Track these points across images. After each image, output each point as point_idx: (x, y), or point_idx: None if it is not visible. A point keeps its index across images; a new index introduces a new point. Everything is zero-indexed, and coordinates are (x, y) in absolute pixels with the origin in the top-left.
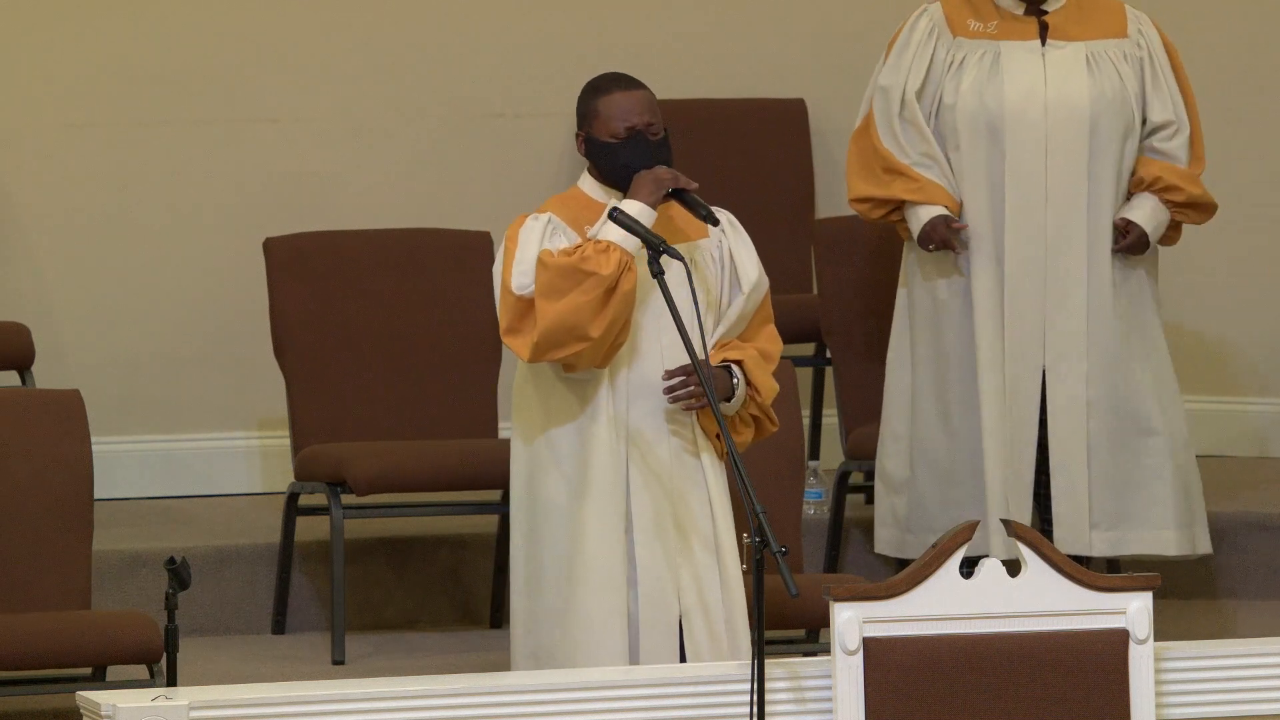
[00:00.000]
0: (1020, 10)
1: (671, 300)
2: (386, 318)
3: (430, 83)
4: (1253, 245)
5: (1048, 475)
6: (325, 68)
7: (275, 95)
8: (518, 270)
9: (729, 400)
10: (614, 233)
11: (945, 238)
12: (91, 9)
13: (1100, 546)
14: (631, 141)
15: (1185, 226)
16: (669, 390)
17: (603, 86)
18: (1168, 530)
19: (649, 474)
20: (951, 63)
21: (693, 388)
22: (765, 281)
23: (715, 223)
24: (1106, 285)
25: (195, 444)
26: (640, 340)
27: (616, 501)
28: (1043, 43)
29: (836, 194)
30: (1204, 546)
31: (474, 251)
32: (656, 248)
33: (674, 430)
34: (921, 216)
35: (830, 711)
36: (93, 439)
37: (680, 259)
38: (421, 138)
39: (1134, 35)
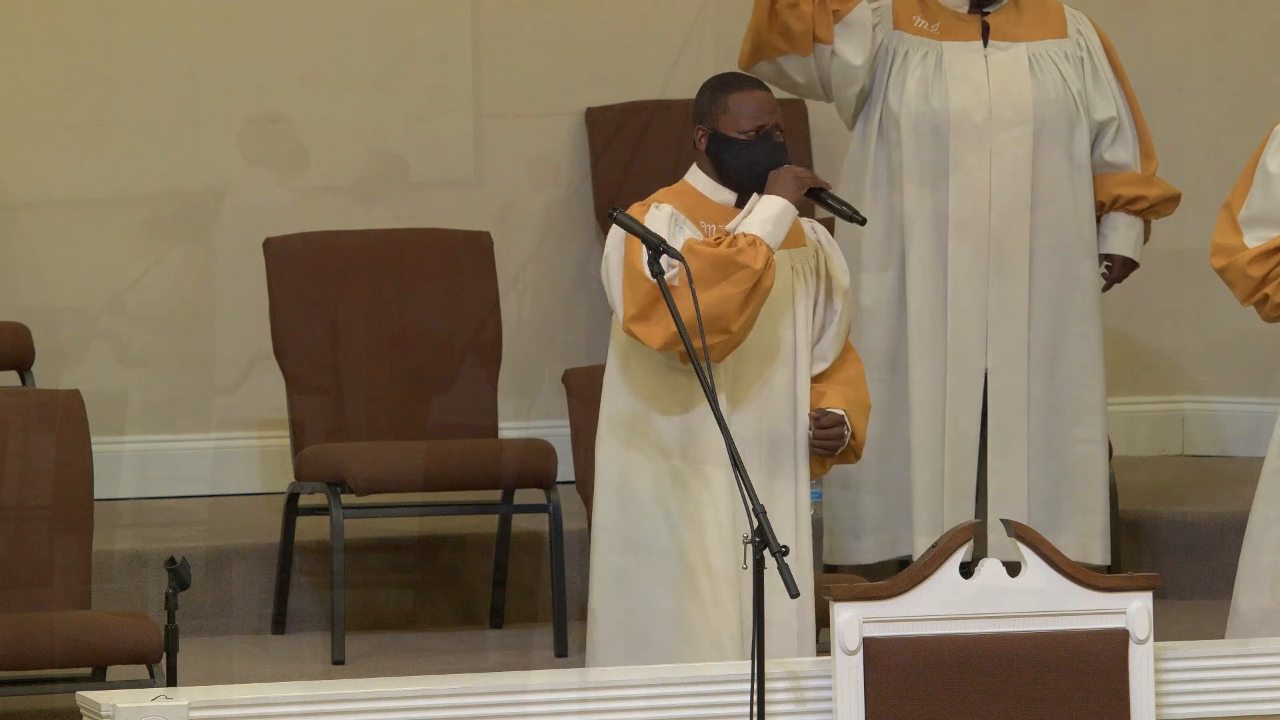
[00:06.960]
0: (964, 9)
1: (672, 301)
2: (386, 318)
3: (430, 83)
4: None
5: (984, 478)
6: (327, 67)
7: (276, 95)
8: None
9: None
10: (756, 227)
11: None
12: (91, 10)
13: None
14: (761, 140)
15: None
16: (821, 440)
17: (731, 83)
18: (1094, 539)
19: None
20: (893, 56)
21: (835, 441)
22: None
23: (863, 221)
24: (1049, 285)
25: (195, 444)
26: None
27: (727, 501)
28: (984, 44)
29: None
30: (1107, 556)
31: (474, 251)
32: (656, 248)
33: (767, 437)
34: None
35: (830, 711)
36: (93, 439)
37: (680, 259)
38: (421, 137)
39: (1073, 35)
